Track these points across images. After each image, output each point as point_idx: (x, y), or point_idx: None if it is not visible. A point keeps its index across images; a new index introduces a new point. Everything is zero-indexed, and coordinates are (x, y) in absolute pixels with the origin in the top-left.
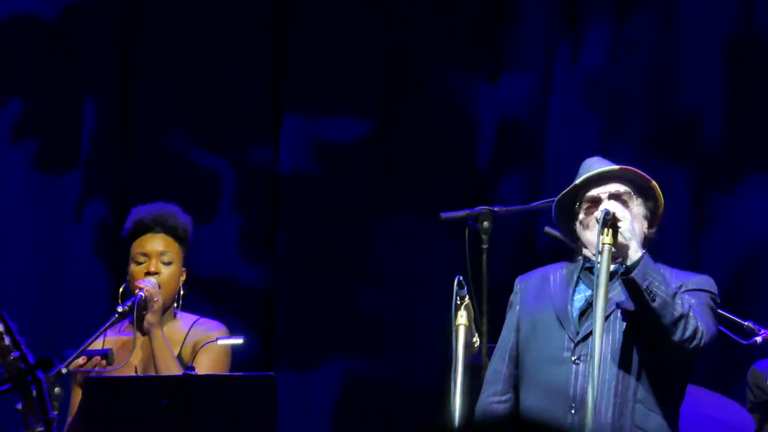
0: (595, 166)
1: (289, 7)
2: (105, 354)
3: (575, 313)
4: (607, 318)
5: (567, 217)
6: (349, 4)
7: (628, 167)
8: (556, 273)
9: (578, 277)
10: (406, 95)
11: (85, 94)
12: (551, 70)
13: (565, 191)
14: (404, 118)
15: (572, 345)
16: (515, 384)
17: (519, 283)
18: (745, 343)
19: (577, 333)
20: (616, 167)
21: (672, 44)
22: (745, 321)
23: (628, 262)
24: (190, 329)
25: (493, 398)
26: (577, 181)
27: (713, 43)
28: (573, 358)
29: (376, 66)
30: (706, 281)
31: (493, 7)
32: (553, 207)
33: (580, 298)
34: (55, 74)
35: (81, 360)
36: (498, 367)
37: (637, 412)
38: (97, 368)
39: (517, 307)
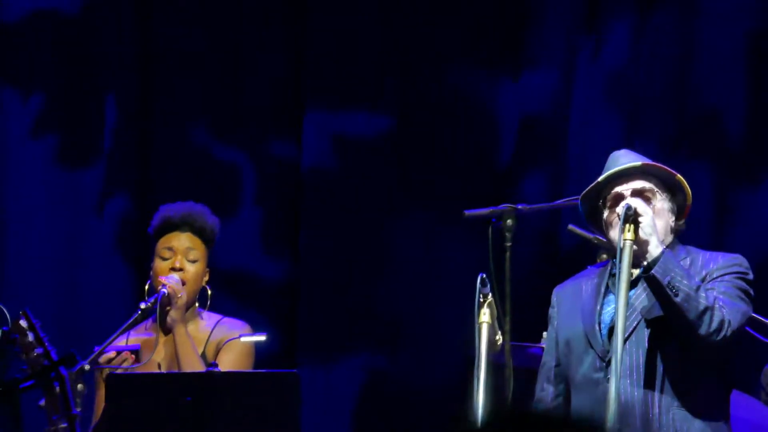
0: (621, 160)
1: (310, 1)
2: (135, 350)
3: (604, 331)
4: (634, 329)
5: (593, 214)
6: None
7: (651, 162)
8: (588, 283)
9: (606, 288)
10: (428, 91)
11: (106, 88)
12: (573, 67)
13: (588, 189)
14: (426, 114)
15: (603, 364)
16: (564, 397)
17: (555, 296)
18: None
19: (607, 351)
20: (638, 163)
21: (694, 40)
22: None
23: (649, 258)
24: (213, 328)
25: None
26: (600, 179)
27: (736, 38)
28: (607, 377)
29: (398, 61)
30: (733, 261)
31: (515, 4)
32: (579, 205)
33: (608, 312)
34: (77, 69)
35: (111, 354)
36: (544, 386)
37: (677, 420)
38: (124, 364)
39: (555, 322)
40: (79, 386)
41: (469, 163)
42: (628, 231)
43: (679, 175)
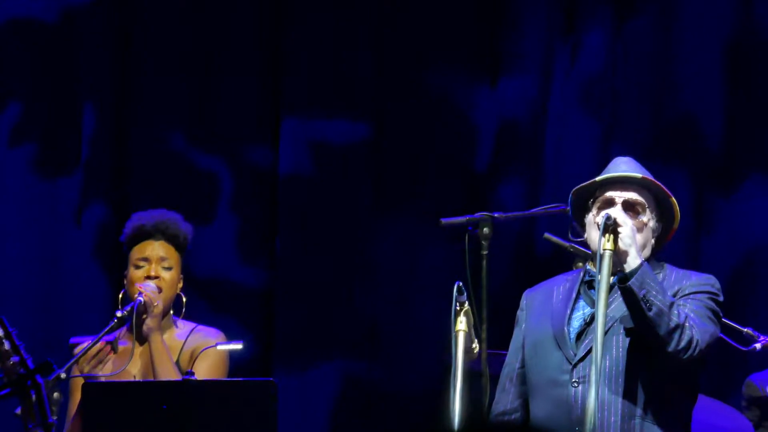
0: (622, 167)
1: (287, 8)
2: (110, 342)
3: (572, 334)
4: (605, 334)
5: (580, 211)
6: (347, 6)
7: (651, 179)
8: (559, 288)
9: (577, 294)
10: (405, 97)
11: (83, 96)
12: (550, 74)
13: (582, 185)
14: (403, 121)
15: (569, 367)
16: (524, 399)
17: (524, 299)
18: (744, 349)
19: (575, 355)
20: (638, 175)
21: (671, 46)
22: (744, 327)
23: (627, 269)
24: (188, 337)
25: (502, 417)
26: (598, 178)
27: (712, 45)
28: (572, 381)
29: (375, 68)
30: (706, 281)
31: (493, 10)
32: (569, 198)
33: (578, 316)
34: (54, 77)
35: (91, 349)
36: (506, 386)
37: (643, 428)
38: (100, 355)
39: (523, 325)
40: (56, 395)
41: (446, 170)
42: (608, 241)
43: (673, 198)
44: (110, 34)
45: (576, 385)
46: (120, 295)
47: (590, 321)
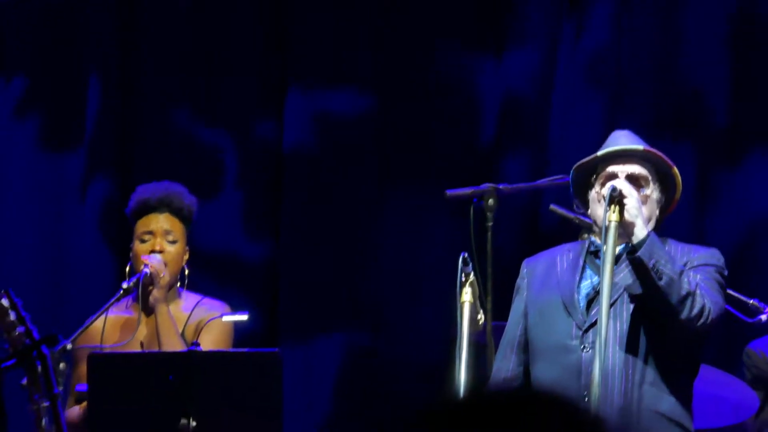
0: (621, 141)
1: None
2: None
3: (582, 301)
4: (613, 303)
5: (582, 187)
6: None
7: (653, 150)
8: (563, 257)
9: (584, 263)
10: (410, 71)
11: (89, 71)
12: (556, 47)
13: (584, 160)
14: (408, 94)
15: (580, 333)
16: (525, 368)
17: (525, 267)
18: (750, 321)
19: (585, 321)
20: (640, 147)
21: (677, 20)
22: (750, 299)
23: (635, 240)
24: (193, 309)
25: (503, 384)
26: (599, 153)
27: (718, 18)
28: (581, 346)
29: (380, 41)
30: (712, 255)
31: None
32: (570, 174)
33: (587, 285)
34: (59, 51)
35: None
36: (507, 353)
37: (649, 395)
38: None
39: (524, 293)
40: (61, 365)
41: (450, 143)
42: (614, 212)
43: (675, 168)
44: (115, 7)
45: (586, 350)
46: (127, 269)
47: (599, 289)
